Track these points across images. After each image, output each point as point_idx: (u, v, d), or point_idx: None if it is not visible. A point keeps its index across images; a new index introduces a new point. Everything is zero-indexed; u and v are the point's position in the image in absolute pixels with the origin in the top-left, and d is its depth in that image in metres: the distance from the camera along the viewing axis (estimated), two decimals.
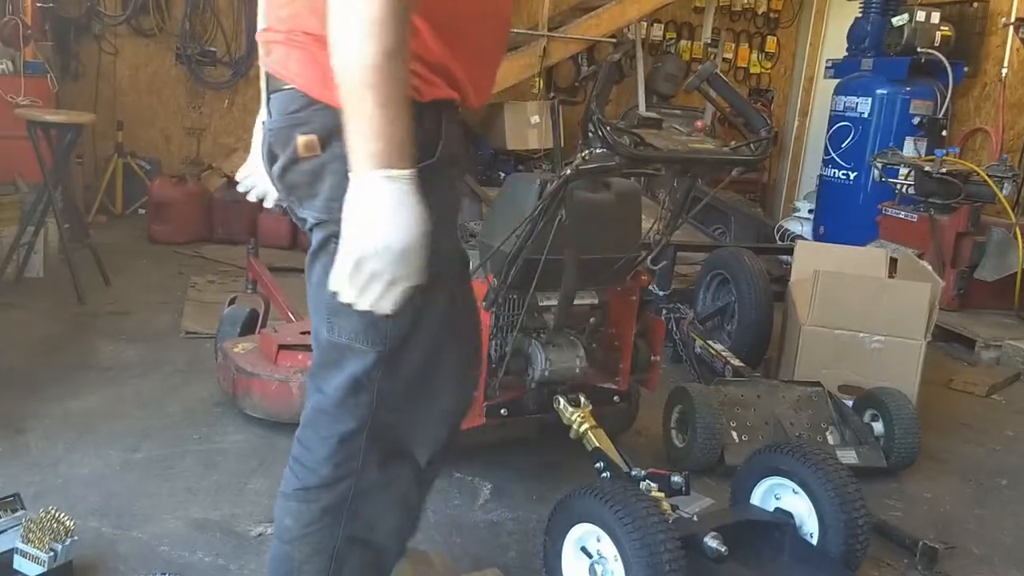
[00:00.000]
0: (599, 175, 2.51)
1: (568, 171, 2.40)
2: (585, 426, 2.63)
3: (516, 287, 2.59)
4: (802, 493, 2.36)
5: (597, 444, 2.58)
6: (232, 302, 3.85)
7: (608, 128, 2.40)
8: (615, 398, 2.88)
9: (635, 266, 2.81)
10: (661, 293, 4.32)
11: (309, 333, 3.29)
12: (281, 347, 3.28)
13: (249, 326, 3.65)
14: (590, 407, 2.70)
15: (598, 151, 2.42)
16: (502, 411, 2.73)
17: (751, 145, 2.60)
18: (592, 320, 2.91)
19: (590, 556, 2.17)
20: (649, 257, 2.82)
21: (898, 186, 5.71)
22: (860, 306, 3.67)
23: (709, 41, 8.43)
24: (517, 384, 2.79)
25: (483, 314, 2.60)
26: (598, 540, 2.14)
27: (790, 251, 4.57)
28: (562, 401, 2.71)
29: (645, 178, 3.00)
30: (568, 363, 2.75)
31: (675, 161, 2.60)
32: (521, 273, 2.53)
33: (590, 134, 2.43)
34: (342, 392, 1.56)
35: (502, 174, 6.96)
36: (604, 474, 2.51)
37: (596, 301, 2.88)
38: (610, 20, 7.07)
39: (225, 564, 2.35)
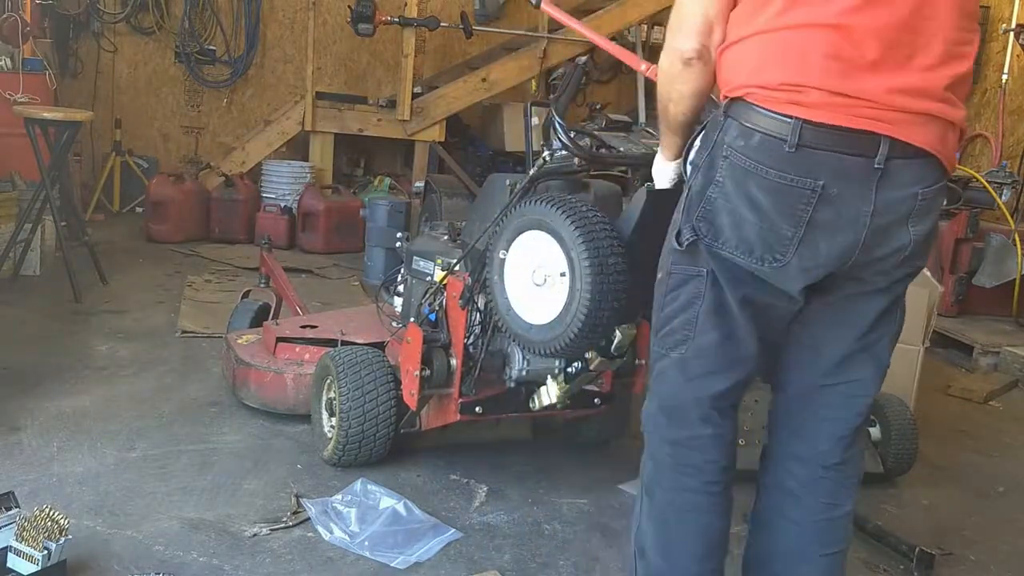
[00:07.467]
0: (563, 176, 2.49)
1: (533, 171, 2.43)
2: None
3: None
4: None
5: None
6: (246, 295, 3.91)
7: (567, 131, 2.41)
8: (596, 400, 2.79)
9: None
10: None
11: (309, 327, 3.34)
12: (279, 339, 3.28)
13: (260, 319, 3.68)
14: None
15: (560, 153, 2.43)
16: (476, 409, 2.69)
17: None
18: None
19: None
20: None
21: None
22: None
23: None
24: (495, 382, 2.74)
25: (460, 312, 2.60)
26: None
27: None
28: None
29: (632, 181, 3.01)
30: (547, 362, 2.63)
31: (630, 164, 2.63)
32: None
33: (551, 136, 2.45)
34: None
35: None
36: None
37: None
38: (611, 22, 7.06)
39: (220, 564, 2.34)
